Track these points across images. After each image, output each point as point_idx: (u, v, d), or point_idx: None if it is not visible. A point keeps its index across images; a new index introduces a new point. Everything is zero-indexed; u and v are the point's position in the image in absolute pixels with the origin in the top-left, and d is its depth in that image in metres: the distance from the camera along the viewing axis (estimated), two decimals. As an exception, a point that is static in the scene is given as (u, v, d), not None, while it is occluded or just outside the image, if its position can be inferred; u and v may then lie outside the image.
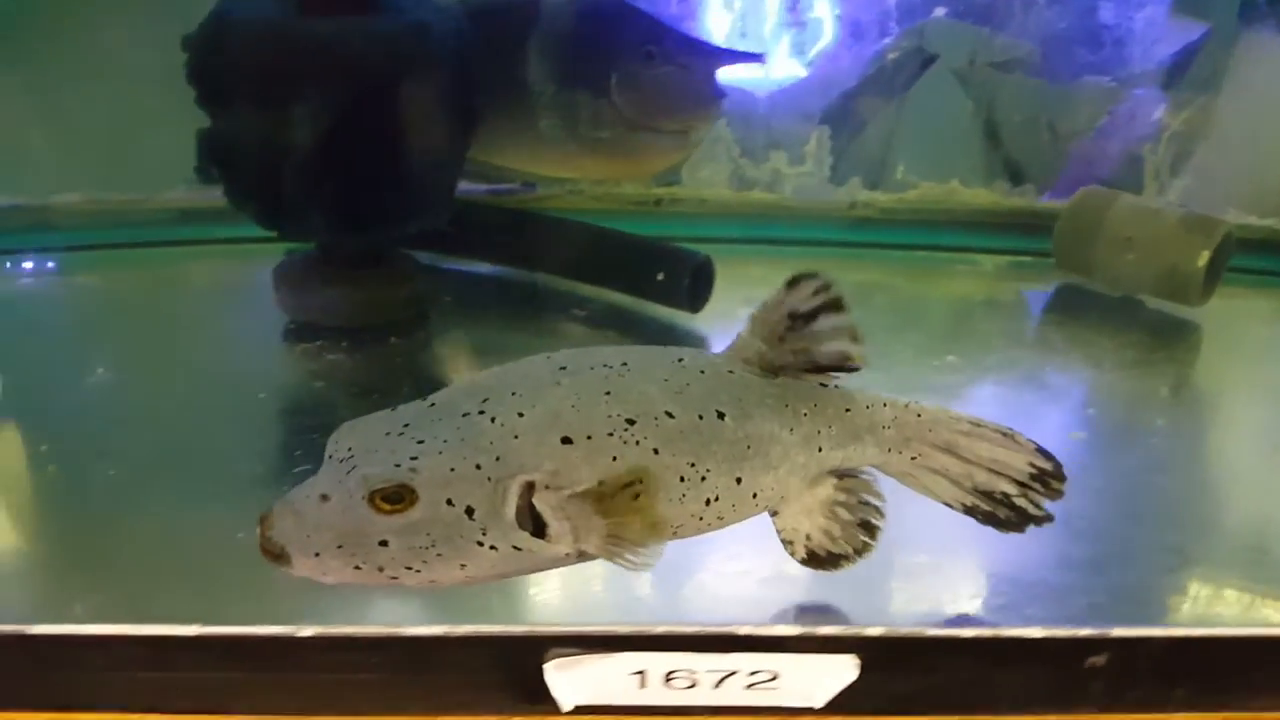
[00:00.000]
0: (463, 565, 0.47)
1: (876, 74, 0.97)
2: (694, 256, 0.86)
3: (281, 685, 0.54)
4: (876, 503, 0.54)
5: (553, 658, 0.53)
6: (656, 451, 0.48)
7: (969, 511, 0.55)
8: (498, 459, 0.46)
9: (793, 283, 0.50)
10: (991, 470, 0.54)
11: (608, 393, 0.48)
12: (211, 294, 0.97)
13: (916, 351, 0.83)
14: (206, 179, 0.82)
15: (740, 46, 0.96)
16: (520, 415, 0.47)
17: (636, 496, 0.46)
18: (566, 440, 0.47)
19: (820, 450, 0.53)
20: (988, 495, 0.54)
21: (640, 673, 0.53)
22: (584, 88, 0.85)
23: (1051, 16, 0.94)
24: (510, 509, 0.46)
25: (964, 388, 0.78)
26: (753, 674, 0.53)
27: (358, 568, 0.46)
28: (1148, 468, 0.69)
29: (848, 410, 0.53)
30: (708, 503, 0.50)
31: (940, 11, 0.95)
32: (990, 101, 0.98)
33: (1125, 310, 0.90)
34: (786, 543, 0.54)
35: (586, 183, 1.02)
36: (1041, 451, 0.54)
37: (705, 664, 0.53)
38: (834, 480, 0.54)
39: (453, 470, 0.46)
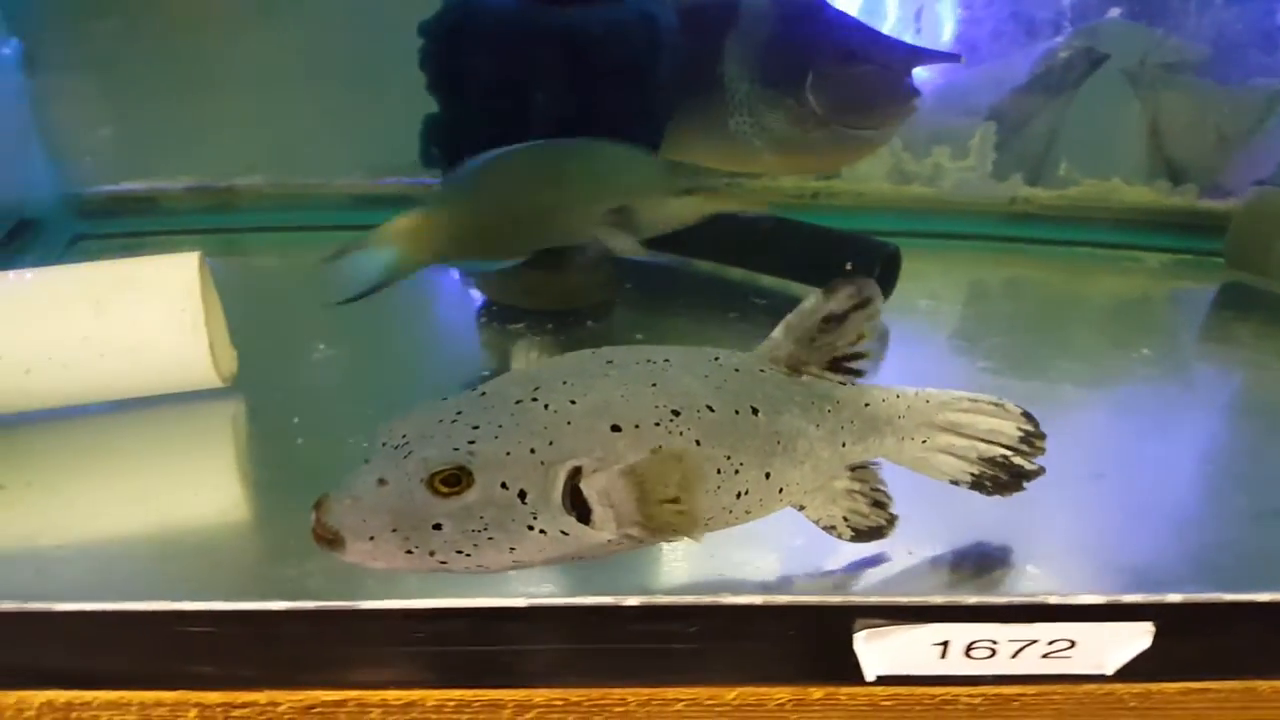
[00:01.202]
0: (512, 549, 0.48)
1: (1046, 72, 0.99)
2: (885, 247, 0.88)
3: (600, 655, 0.56)
4: (881, 486, 0.57)
5: (863, 628, 0.55)
6: (698, 443, 0.50)
7: (975, 482, 0.58)
8: (551, 443, 0.48)
9: (831, 290, 0.54)
10: (990, 441, 0.57)
11: (654, 384, 0.51)
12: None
13: (1112, 343, 0.85)
14: (429, 163, 0.84)
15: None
16: (572, 403, 0.49)
17: (679, 486, 0.48)
18: (615, 428, 0.49)
19: (844, 445, 0.56)
20: (990, 462, 0.57)
21: (944, 643, 0.55)
22: (778, 86, 0.87)
23: (1226, 19, 0.96)
24: (558, 493, 0.48)
25: (1166, 379, 0.80)
26: (1051, 643, 0.55)
27: (410, 551, 0.48)
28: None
29: (866, 405, 0.56)
30: (738, 495, 0.52)
31: (1115, 12, 0.97)
32: (1158, 102, 1.00)
33: (1295, 307, 0.92)
34: (829, 528, 0.57)
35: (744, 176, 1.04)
36: (1026, 415, 0.57)
37: (1008, 634, 0.55)
38: (848, 471, 0.57)
39: (509, 454, 0.48)
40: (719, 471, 0.51)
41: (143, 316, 0.67)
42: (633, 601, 0.54)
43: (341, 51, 0.98)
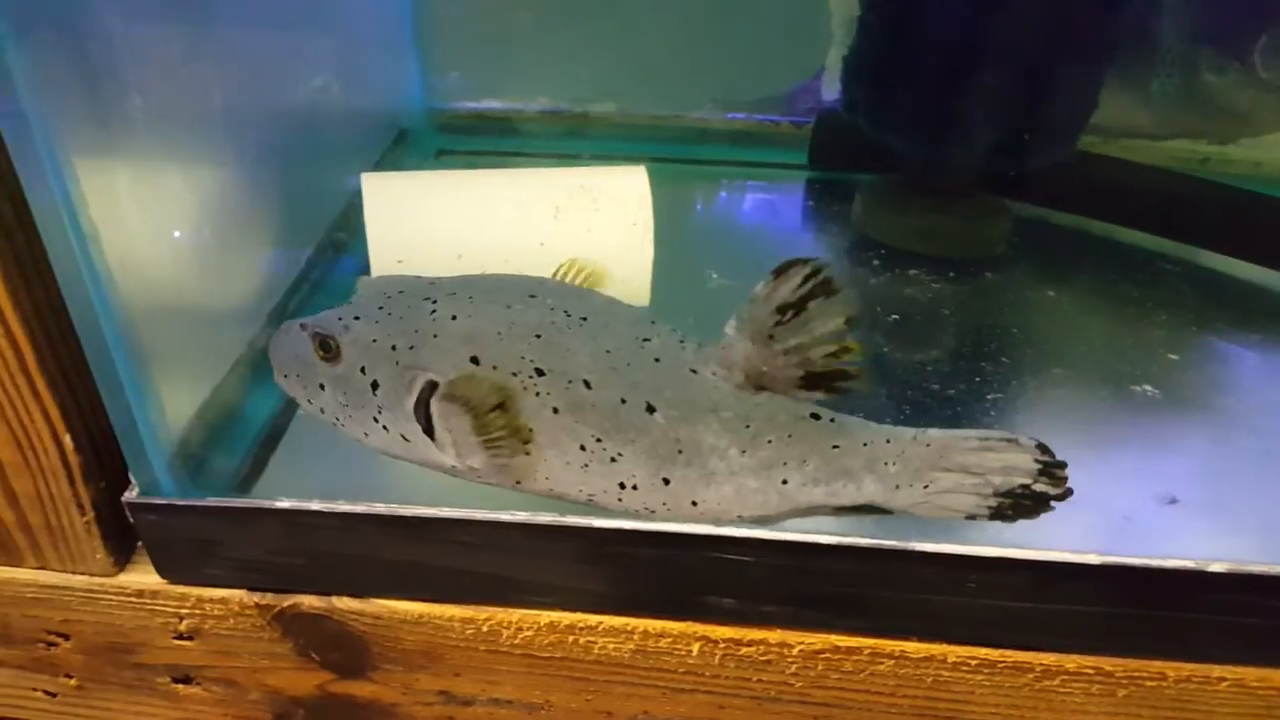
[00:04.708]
0: (365, 434, 0.50)
1: None
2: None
3: (1158, 624, 0.51)
4: None
5: None
6: (556, 411, 0.47)
7: (995, 513, 0.49)
8: (411, 348, 0.48)
9: (780, 271, 0.45)
10: (1005, 474, 0.49)
11: (538, 335, 0.48)
12: (754, 213, 0.95)
13: None
14: (851, 110, 0.80)
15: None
16: (453, 318, 0.49)
17: (504, 411, 0.47)
18: (475, 360, 0.47)
19: (785, 483, 0.48)
20: (1008, 494, 0.49)
21: None
22: (1222, 46, 0.80)
23: None
24: (410, 400, 0.48)
25: None
26: None
27: (309, 402, 0.52)
28: None
29: (835, 447, 0.48)
30: (623, 485, 0.48)
31: None
32: None
33: None
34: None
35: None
36: (1041, 447, 0.49)
37: None
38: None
39: (374, 342, 0.49)
40: (583, 449, 0.48)
41: (597, 224, 0.64)
42: (1218, 568, 0.49)
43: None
